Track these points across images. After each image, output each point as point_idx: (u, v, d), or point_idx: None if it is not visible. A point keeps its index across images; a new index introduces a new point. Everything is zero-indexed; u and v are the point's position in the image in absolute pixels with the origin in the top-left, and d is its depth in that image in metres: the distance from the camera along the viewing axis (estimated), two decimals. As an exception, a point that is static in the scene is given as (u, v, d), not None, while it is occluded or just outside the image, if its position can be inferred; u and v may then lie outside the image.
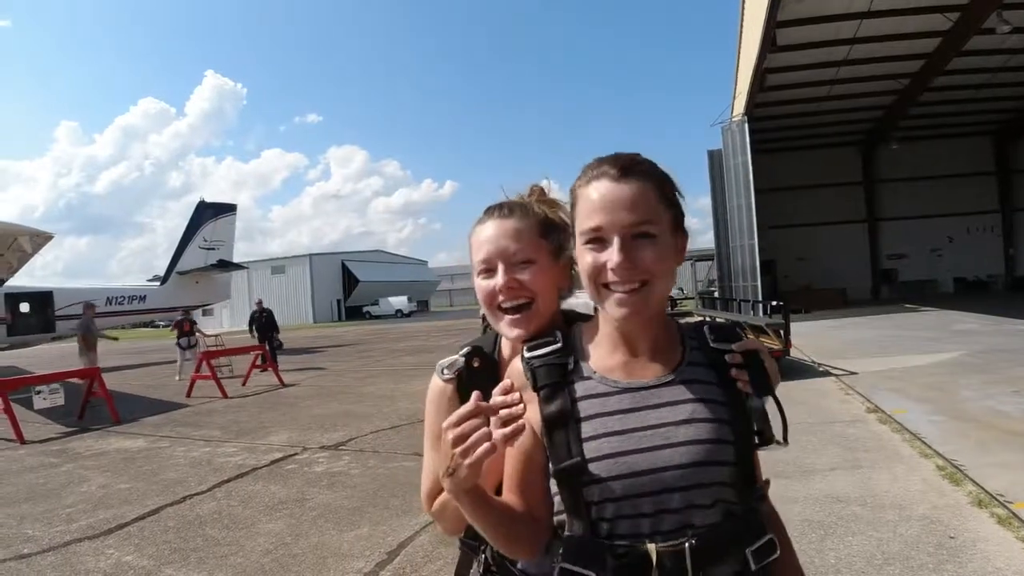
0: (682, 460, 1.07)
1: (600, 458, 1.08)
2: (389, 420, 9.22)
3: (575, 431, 1.11)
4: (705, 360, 1.19)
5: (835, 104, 26.16)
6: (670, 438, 1.09)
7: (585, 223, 1.12)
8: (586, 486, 1.08)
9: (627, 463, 1.07)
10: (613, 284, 1.10)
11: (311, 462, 7.17)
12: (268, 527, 5.14)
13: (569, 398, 1.15)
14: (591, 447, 1.09)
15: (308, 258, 64.14)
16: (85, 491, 6.53)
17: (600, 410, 1.13)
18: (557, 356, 1.20)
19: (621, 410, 1.12)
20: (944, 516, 4.45)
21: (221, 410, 11.21)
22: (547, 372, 1.18)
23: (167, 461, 7.64)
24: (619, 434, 1.10)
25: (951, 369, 10.24)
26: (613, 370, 1.18)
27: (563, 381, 1.17)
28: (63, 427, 10.24)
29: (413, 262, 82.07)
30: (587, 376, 1.18)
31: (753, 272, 22.29)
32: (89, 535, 5.20)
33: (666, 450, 1.08)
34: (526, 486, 1.18)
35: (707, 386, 1.15)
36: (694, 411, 1.11)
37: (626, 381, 1.16)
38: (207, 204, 28.57)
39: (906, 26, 19.30)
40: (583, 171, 1.17)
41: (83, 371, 11.25)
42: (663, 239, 1.12)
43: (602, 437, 1.10)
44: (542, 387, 1.17)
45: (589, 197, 1.12)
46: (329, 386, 13.78)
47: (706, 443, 1.09)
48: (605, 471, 1.07)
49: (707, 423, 1.10)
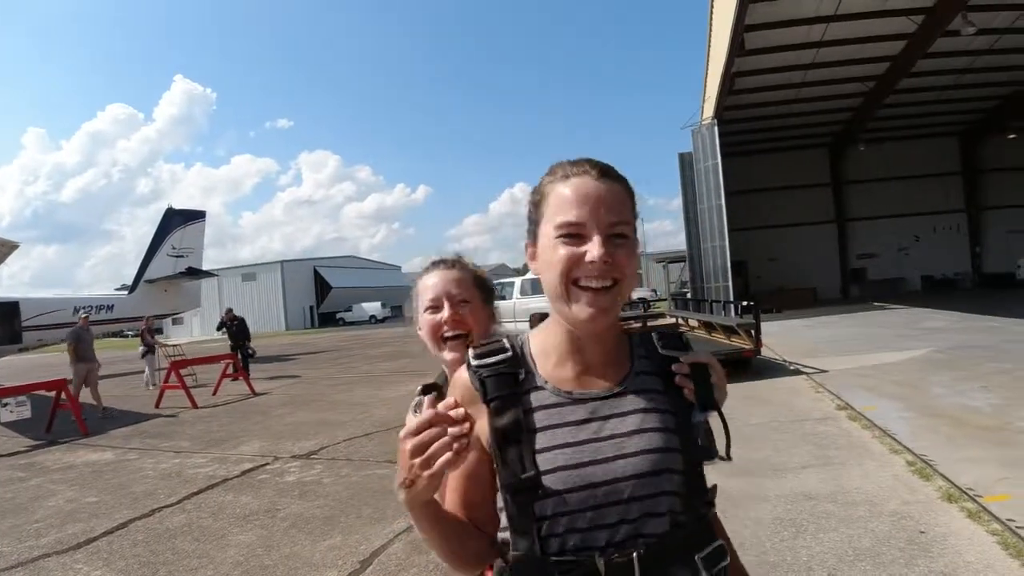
0: (635, 470, 1.06)
1: (554, 470, 1.05)
2: (363, 427, 9.14)
3: (528, 444, 1.08)
4: (653, 368, 1.18)
5: (803, 107, 26.55)
6: (623, 449, 1.07)
7: (562, 217, 1.09)
8: (539, 500, 1.05)
9: (582, 475, 1.05)
10: (586, 280, 1.07)
11: (283, 472, 7.08)
12: (239, 539, 5.06)
13: (521, 410, 1.11)
14: (545, 459, 1.06)
15: (280, 265, 63.44)
16: (53, 505, 6.39)
17: (553, 421, 1.10)
18: (507, 365, 1.15)
19: (574, 421, 1.10)
20: (914, 511, 4.50)
21: (191, 420, 11.04)
22: (497, 383, 1.13)
23: (136, 474, 7.50)
24: (573, 446, 1.07)
25: (920, 366, 10.40)
26: (565, 380, 1.14)
27: (513, 392, 1.13)
28: (31, 440, 10.03)
29: (387, 267, 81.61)
30: (539, 386, 1.14)
31: (725, 273, 22.54)
32: (58, 550, 5.09)
33: (619, 461, 1.06)
34: (473, 503, 1.15)
35: (655, 395, 1.14)
36: (643, 421, 1.10)
37: (579, 391, 1.13)
38: (175, 211, 28.13)
39: (872, 29, 19.62)
40: (553, 169, 1.16)
41: (50, 383, 10.99)
42: (632, 243, 1.12)
43: (556, 449, 1.07)
44: (492, 399, 1.12)
45: (564, 193, 1.11)
46: (302, 394, 13.65)
47: (656, 452, 1.08)
48: (560, 484, 1.04)
49: (656, 432, 1.09)
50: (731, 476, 5.57)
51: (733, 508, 4.67)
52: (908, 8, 18.34)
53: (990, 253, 32.97)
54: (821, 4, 18.01)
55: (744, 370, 11.16)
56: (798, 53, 20.95)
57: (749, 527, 4.40)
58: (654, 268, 61.61)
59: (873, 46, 20.77)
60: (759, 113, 26.76)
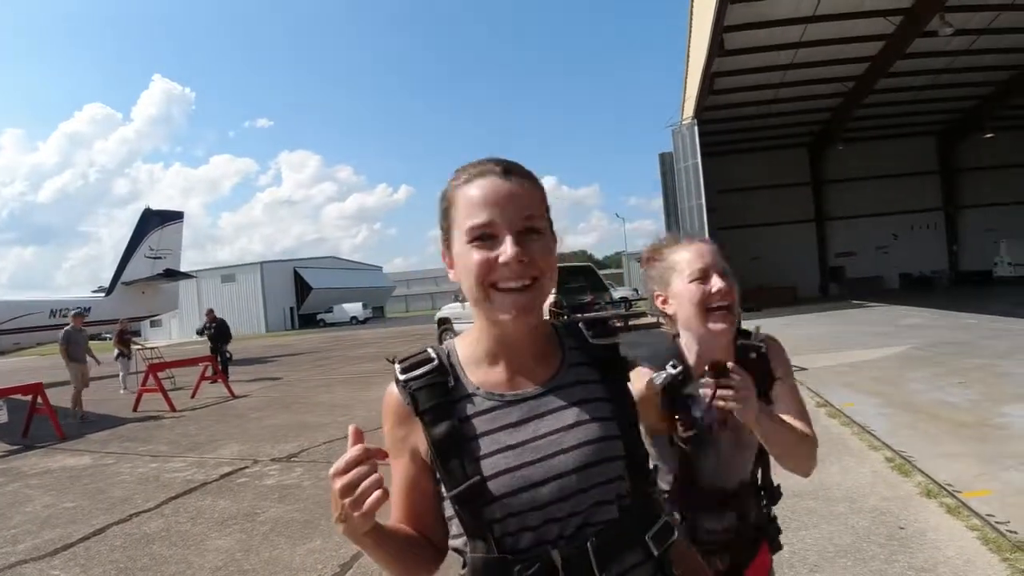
0: (576, 464, 1.06)
1: (497, 474, 1.05)
2: (342, 430, 8.96)
3: (468, 451, 1.07)
4: (585, 359, 1.19)
5: (783, 107, 26.78)
6: (561, 444, 1.08)
7: (470, 220, 1.06)
8: (487, 505, 1.04)
9: (524, 476, 1.05)
10: (503, 281, 1.05)
11: (262, 475, 7.01)
12: (218, 543, 5.00)
13: (456, 418, 1.09)
14: (487, 464, 1.05)
15: (259, 266, 63.07)
16: (30, 511, 6.30)
17: (490, 427, 1.09)
18: (435, 375, 1.13)
19: (510, 423, 1.09)
20: (894, 507, 4.53)
21: (169, 424, 10.91)
22: (428, 394, 1.11)
23: (113, 478, 7.40)
24: (512, 448, 1.07)
25: (899, 362, 10.50)
26: (496, 384, 1.13)
27: (446, 401, 1.11)
28: (7, 445, 9.87)
29: (368, 268, 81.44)
30: (471, 393, 1.13)
31: (706, 273, 22.61)
32: (35, 556, 5.01)
33: (559, 456, 1.06)
34: (417, 515, 1.15)
35: (589, 385, 1.15)
36: (579, 413, 1.11)
37: (511, 393, 1.12)
38: (153, 212, 27.88)
39: (851, 30, 19.84)
40: (457, 173, 1.13)
41: (27, 387, 10.84)
42: (548, 238, 1.11)
43: (496, 454, 1.06)
44: (424, 411, 1.10)
45: (471, 195, 1.07)
46: (281, 396, 13.54)
47: (595, 442, 1.09)
48: (505, 487, 1.04)
49: (593, 422, 1.10)
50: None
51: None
52: (886, 9, 18.56)
53: (967, 251, 33.43)
54: (800, 5, 18.18)
55: (725, 369, 11.21)
56: (777, 53, 21.14)
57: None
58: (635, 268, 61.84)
59: (852, 47, 21.00)
60: (739, 113, 26.97)
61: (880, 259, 34.13)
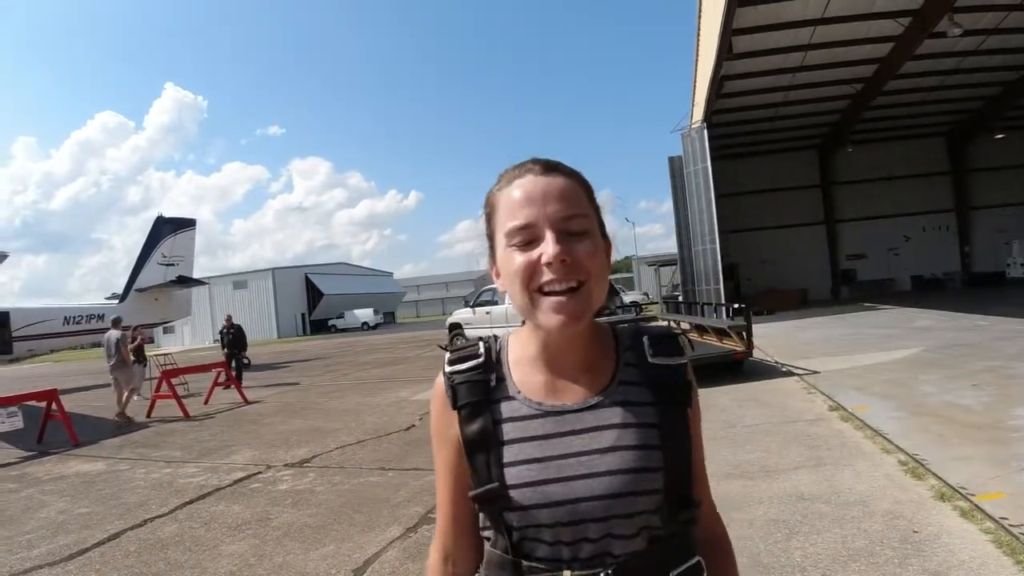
0: (600, 491, 1.02)
1: (519, 486, 1.03)
2: (355, 435, 9.11)
3: (496, 455, 1.06)
4: (640, 378, 1.11)
5: (792, 109, 26.67)
6: (591, 468, 1.03)
7: (510, 222, 1.03)
8: (506, 510, 1.04)
9: (544, 492, 1.02)
10: (548, 285, 1.00)
11: (275, 480, 7.05)
12: (231, 548, 5.03)
13: (491, 419, 1.08)
14: (511, 473, 1.04)
15: (271, 272, 63.33)
16: (45, 516, 6.35)
17: (521, 435, 1.07)
18: (478, 372, 1.12)
19: (542, 435, 1.06)
20: (907, 511, 4.51)
21: (182, 430, 10.98)
22: (468, 390, 1.11)
23: (127, 484, 7.45)
24: (538, 462, 1.04)
25: (911, 365, 10.44)
26: (537, 390, 1.10)
27: (484, 400, 1.10)
28: (22, 451, 9.96)
29: (378, 274, 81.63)
30: (511, 396, 1.11)
31: (716, 276, 22.60)
32: (50, 561, 5.05)
33: (584, 480, 1.02)
34: (456, 499, 1.15)
35: (639, 408, 1.08)
36: (619, 438, 1.05)
37: (550, 403, 1.09)
38: (165, 219, 28.06)
39: (860, 32, 19.75)
40: (500, 177, 1.11)
41: (42, 393, 10.93)
42: (595, 238, 1.05)
43: (522, 464, 1.04)
44: (462, 406, 1.11)
45: (512, 196, 1.04)
46: (294, 402, 13.59)
47: (628, 473, 1.02)
48: (524, 499, 1.02)
49: (632, 451, 1.04)
50: (724, 479, 5.59)
51: (727, 510, 4.65)
52: (895, 11, 18.46)
53: (979, 252, 33.12)
54: (808, 7, 18.11)
55: (736, 372, 11.21)
56: (786, 56, 21.06)
57: (743, 529, 4.40)
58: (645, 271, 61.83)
59: (861, 48, 20.90)
60: (748, 116, 26.89)
61: (891, 261, 33.87)
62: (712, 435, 7.03)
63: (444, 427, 1.14)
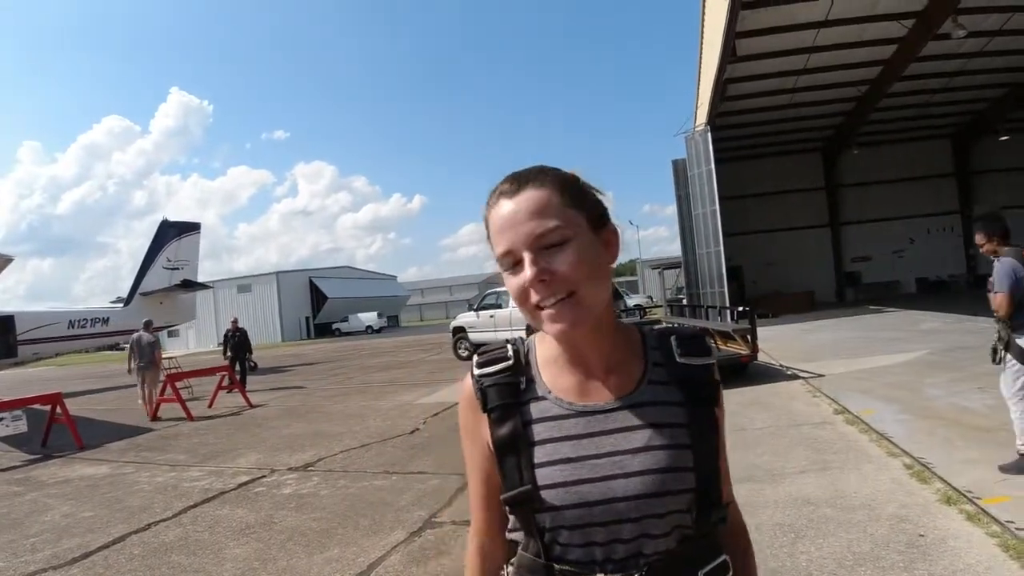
0: (635, 491, 1.02)
1: (552, 486, 1.03)
2: (358, 439, 9.11)
3: (527, 456, 1.06)
4: (669, 377, 1.11)
5: (796, 111, 26.65)
6: (624, 467, 1.03)
7: (496, 249, 1.06)
8: (538, 512, 1.04)
9: (578, 492, 1.02)
10: (539, 302, 1.02)
11: (279, 484, 7.05)
12: (235, 552, 5.03)
13: (520, 420, 1.09)
14: (543, 474, 1.04)
15: (275, 276, 63.41)
16: (49, 520, 6.35)
17: (553, 434, 1.07)
18: (508, 375, 1.13)
19: (575, 435, 1.06)
20: (913, 514, 4.49)
21: (187, 433, 10.99)
22: (497, 392, 1.12)
23: (132, 487, 7.46)
24: (572, 461, 1.04)
25: (916, 368, 10.40)
26: (567, 390, 1.11)
27: (514, 402, 1.11)
28: (26, 454, 9.98)
29: (382, 277, 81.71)
30: (541, 396, 1.11)
31: (720, 279, 22.58)
32: (54, 565, 5.05)
33: (619, 480, 1.03)
34: (488, 503, 1.17)
35: (668, 408, 1.08)
36: (650, 438, 1.05)
37: (581, 403, 1.09)
38: (170, 223, 28.12)
39: (864, 34, 19.75)
40: (489, 196, 1.11)
41: (46, 396, 10.96)
42: (580, 240, 1.04)
43: (555, 464, 1.05)
44: (491, 409, 1.11)
45: (494, 221, 1.06)
46: (298, 405, 13.61)
47: (661, 472, 1.03)
48: (557, 500, 1.03)
49: (663, 450, 1.04)
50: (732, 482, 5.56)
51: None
52: (899, 12, 18.44)
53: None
54: (812, 10, 18.09)
55: (741, 375, 11.18)
56: (790, 59, 21.05)
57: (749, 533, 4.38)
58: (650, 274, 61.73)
59: (865, 50, 20.88)
60: (752, 119, 26.90)
61: (897, 263, 33.81)
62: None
63: (474, 430, 1.15)
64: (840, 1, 17.61)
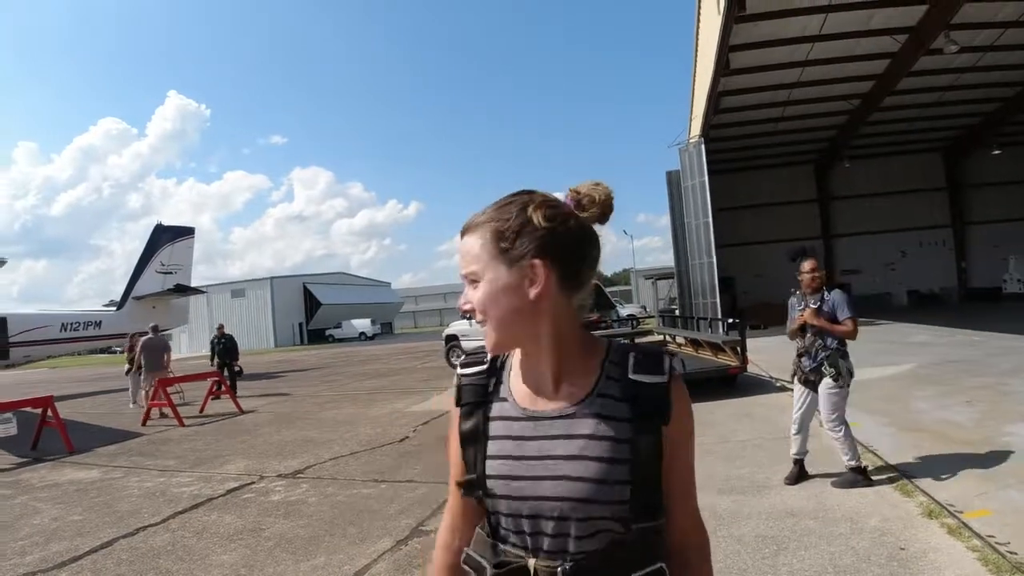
0: (559, 493, 1.13)
1: (494, 477, 1.19)
2: (348, 446, 9.11)
3: (482, 449, 1.22)
4: (620, 393, 1.17)
5: (789, 124, 26.84)
6: (553, 471, 1.15)
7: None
8: (485, 497, 1.20)
9: (513, 487, 1.17)
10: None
11: (268, 491, 7.05)
12: (223, 558, 5.04)
13: (483, 417, 1.25)
14: (491, 466, 1.20)
15: (269, 281, 63.35)
16: (38, 523, 6.35)
17: (504, 432, 1.21)
18: (481, 376, 1.29)
19: (521, 436, 1.19)
20: (895, 528, 4.53)
21: (177, 439, 10.96)
22: (469, 391, 1.29)
23: (121, 492, 7.45)
24: (513, 458, 1.18)
25: (905, 381, 10.47)
26: (524, 395, 1.23)
27: (481, 400, 1.27)
28: (16, 458, 9.92)
29: (376, 284, 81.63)
30: (503, 398, 1.25)
31: (712, 290, 22.64)
32: (42, 568, 5.05)
33: (547, 481, 1.14)
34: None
35: (612, 422, 1.15)
36: (584, 447, 1.14)
37: (532, 408, 1.21)
38: (164, 227, 28.13)
39: (857, 48, 19.90)
40: None
41: (37, 400, 10.92)
42: (491, 280, 1.16)
43: (500, 459, 1.19)
44: (462, 404, 1.29)
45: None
46: (288, 412, 13.59)
47: (588, 481, 1.12)
48: (497, 489, 1.18)
49: (596, 461, 1.13)
50: (716, 494, 5.60)
51: (716, 526, 4.70)
52: (892, 28, 18.60)
53: (975, 268, 33.21)
54: (807, 24, 18.22)
55: (731, 387, 11.21)
56: (784, 72, 21.19)
57: (732, 545, 4.42)
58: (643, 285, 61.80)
59: (858, 65, 21.05)
60: (746, 131, 27.09)
61: (888, 276, 33.99)
62: (705, 450, 7.06)
63: (453, 421, 1.31)
64: (834, 16, 17.75)
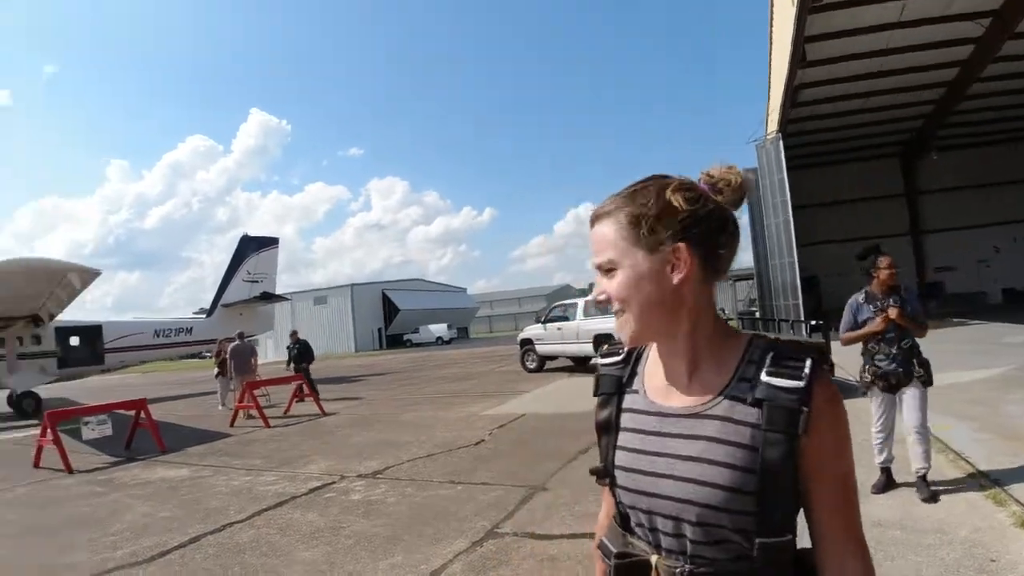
0: (675, 493, 1.12)
1: (621, 468, 1.22)
2: (425, 448, 9.25)
3: (613, 439, 1.26)
4: (750, 396, 1.10)
5: (871, 116, 25.88)
6: (671, 470, 1.13)
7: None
8: (613, 485, 1.24)
9: (634, 480, 1.19)
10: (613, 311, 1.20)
11: (348, 490, 7.23)
12: (304, 555, 5.20)
13: (616, 408, 1.28)
14: (620, 456, 1.23)
15: (349, 288, 64.85)
16: (130, 519, 6.67)
17: (632, 425, 1.24)
18: (617, 367, 1.33)
19: (647, 430, 1.20)
20: (986, 539, 4.33)
21: (263, 439, 11.38)
22: (605, 382, 1.33)
23: (209, 490, 7.78)
24: (638, 452, 1.20)
25: (998, 384, 9.96)
26: (655, 390, 1.24)
27: (616, 392, 1.30)
28: (110, 457, 10.47)
29: (452, 289, 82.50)
30: (635, 390, 1.28)
31: (794, 290, 21.95)
32: (132, 562, 5.31)
33: (667, 480, 1.14)
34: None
35: (737, 426, 1.09)
36: (704, 450, 1.09)
37: (660, 403, 1.21)
38: (250, 238, 29.22)
39: (938, 34, 19.06)
40: None
41: (131, 403, 11.48)
42: (630, 266, 1.13)
43: (625, 450, 1.22)
44: (599, 394, 1.33)
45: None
46: (368, 415, 13.88)
47: (704, 485, 1.08)
48: (621, 480, 1.22)
49: (714, 466, 1.08)
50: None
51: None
52: (974, 12, 17.75)
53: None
54: (884, 12, 17.55)
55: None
56: (862, 62, 20.45)
57: None
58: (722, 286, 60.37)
59: (940, 52, 20.14)
60: (825, 125, 26.23)
61: (981, 273, 32.34)
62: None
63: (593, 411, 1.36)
64: (912, 3, 17.07)
